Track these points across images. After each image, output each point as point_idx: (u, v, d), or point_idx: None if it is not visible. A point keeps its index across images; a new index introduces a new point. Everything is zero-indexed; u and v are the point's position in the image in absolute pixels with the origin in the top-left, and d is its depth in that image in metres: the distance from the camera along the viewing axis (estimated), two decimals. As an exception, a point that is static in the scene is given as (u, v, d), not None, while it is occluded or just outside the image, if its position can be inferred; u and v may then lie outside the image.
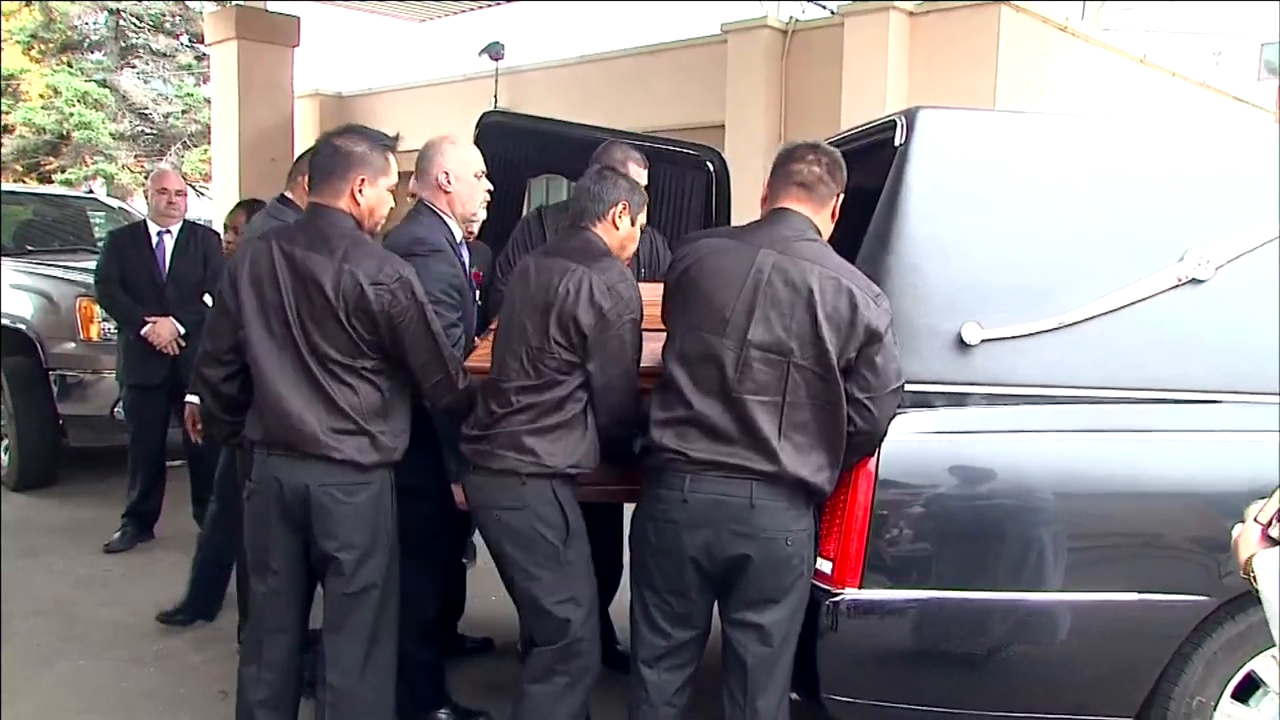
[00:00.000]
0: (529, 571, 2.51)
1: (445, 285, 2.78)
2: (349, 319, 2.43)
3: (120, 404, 5.12)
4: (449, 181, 2.91)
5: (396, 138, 2.63)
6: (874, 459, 2.38)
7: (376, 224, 2.63)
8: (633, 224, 2.65)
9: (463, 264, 2.91)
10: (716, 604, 2.45)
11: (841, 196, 2.50)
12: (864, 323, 2.27)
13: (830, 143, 3.28)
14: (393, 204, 2.64)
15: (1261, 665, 2.48)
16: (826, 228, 2.47)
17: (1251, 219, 2.56)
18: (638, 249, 2.95)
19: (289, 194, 3.47)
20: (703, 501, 2.32)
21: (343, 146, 2.54)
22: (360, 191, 2.53)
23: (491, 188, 3.05)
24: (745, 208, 2.99)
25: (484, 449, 2.52)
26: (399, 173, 2.65)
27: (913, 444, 2.41)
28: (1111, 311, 2.49)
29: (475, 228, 3.08)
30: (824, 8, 9.69)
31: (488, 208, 3.07)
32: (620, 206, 2.59)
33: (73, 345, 5.57)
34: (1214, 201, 2.60)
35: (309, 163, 2.67)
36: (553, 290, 2.46)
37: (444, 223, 2.91)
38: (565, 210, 3.46)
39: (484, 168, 3.01)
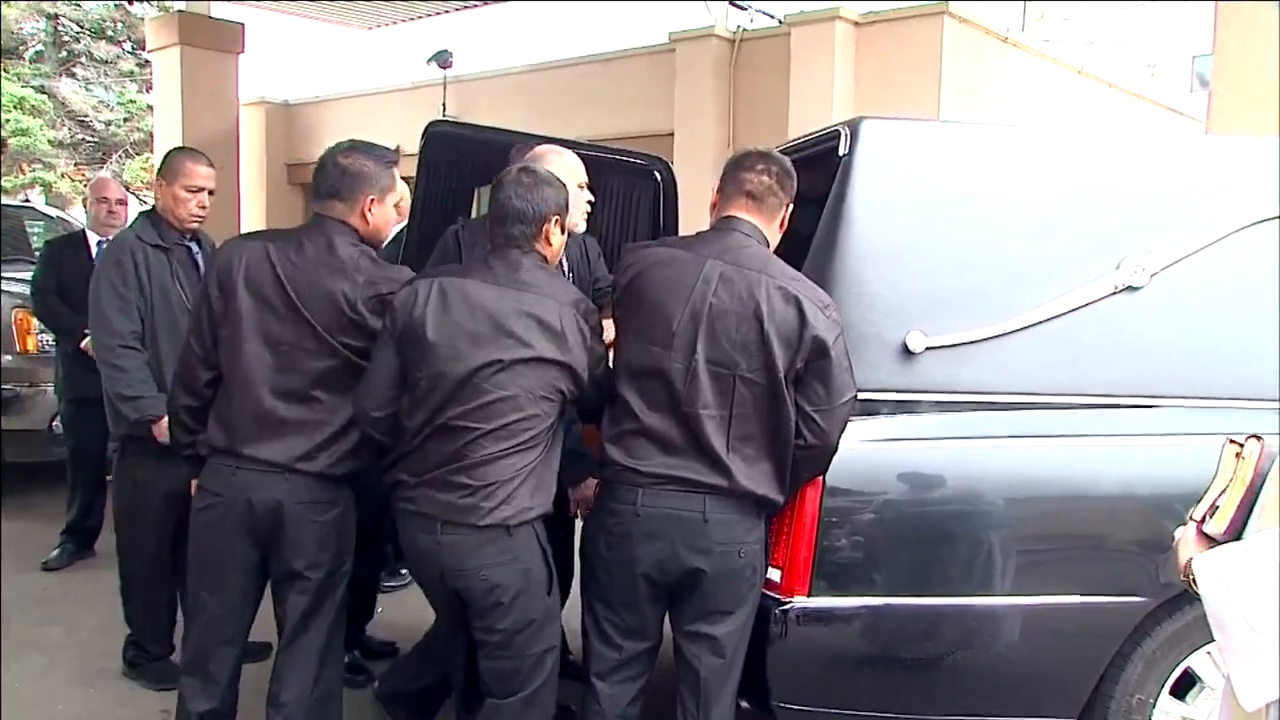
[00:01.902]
0: (511, 627, 2.35)
1: None
2: (366, 337, 2.42)
3: (59, 418, 4.99)
4: None
5: (397, 150, 2.61)
6: (821, 466, 2.39)
7: (384, 240, 2.63)
8: (563, 231, 2.49)
9: (563, 271, 2.84)
10: (668, 615, 2.44)
11: (791, 206, 2.50)
12: (812, 333, 2.26)
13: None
14: (396, 218, 2.65)
15: (1198, 662, 2.54)
16: (774, 238, 2.48)
17: (1184, 227, 2.63)
18: (568, 253, 2.91)
19: (157, 208, 3.33)
20: (655, 516, 2.31)
21: (350, 166, 2.51)
22: (370, 211, 2.53)
23: (593, 198, 3.00)
24: (694, 217, 3.00)
25: (469, 503, 2.26)
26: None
27: (860, 451, 2.43)
28: (1051, 319, 2.54)
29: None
30: (771, 17, 9.76)
31: (436, 219, 3.03)
32: (554, 220, 2.42)
33: (9, 358, 5.43)
34: (1149, 210, 2.67)
35: (313, 178, 2.58)
36: (558, 334, 2.30)
37: None
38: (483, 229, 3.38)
39: (586, 178, 2.95)
